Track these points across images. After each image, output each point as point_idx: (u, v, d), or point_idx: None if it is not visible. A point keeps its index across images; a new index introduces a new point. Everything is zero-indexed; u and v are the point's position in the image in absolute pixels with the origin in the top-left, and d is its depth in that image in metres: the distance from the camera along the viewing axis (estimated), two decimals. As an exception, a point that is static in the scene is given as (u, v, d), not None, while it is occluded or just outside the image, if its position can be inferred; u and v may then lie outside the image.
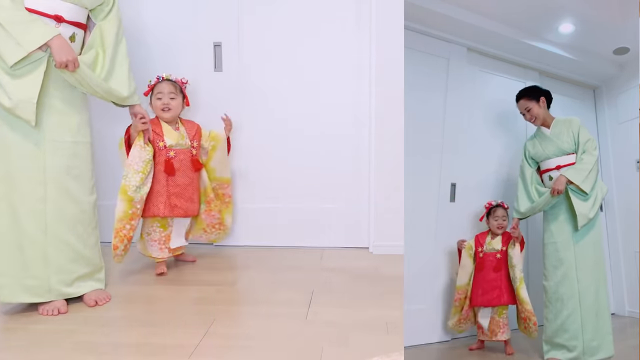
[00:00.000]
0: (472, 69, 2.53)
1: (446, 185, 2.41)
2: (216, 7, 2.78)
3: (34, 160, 1.92)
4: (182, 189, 2.42)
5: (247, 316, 2.02)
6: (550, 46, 2.60)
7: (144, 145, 2.32)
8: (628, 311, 2.77)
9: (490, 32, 2.40)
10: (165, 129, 2.42)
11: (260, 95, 2.85)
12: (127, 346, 1.76)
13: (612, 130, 2.94)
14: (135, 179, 2.29)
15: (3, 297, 1.96)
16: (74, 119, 2.01)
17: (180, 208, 2.42)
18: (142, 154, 2.31)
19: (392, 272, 2.46)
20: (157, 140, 2.39)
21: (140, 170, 2.30)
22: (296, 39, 2.80)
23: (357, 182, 2.87)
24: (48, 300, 2.00)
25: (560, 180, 2.03)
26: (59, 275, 1.99)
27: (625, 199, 2.82)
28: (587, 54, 2.72)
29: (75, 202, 2.02)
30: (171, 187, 2.40)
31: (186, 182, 2.43)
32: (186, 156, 2.44)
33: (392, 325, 1.89)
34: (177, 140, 2.42)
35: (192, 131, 2.49)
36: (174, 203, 2.41)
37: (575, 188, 2.02)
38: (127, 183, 2.27)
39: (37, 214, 1.94)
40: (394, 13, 2.58)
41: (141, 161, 2.31)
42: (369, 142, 2.82)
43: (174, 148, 2.41)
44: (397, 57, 2.56)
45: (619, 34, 2.52)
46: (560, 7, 2.32)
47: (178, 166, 2.41)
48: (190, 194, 2.45)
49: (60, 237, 1.98)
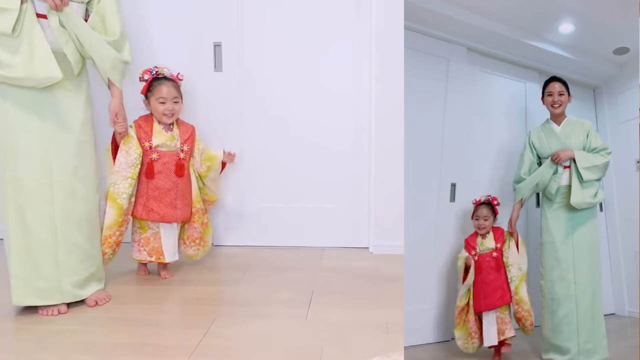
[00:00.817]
0: (473, 69, 2.53)
1: (446, 185, 2.41)
2: (216, 7, 2.78)
3: (40, 162, 1.92)
4: (161, 193, 2.31)
5: (247, 316, 2.02)
6: (550, 46, 2.59)
7: (129, 150, 2.25)
8: (628, 311, 2.77)
9: (490, 32, 2.40)
10: (156, 129, 2.32)
11: (261, 95, 2.85)
12: (128, 346, 1.76)
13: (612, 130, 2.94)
14: (124, 186, 2.23)
15: (15, 300, 1.97)
16: (78, 117, 2.00)
17: (157, 213, 2.30)
18: (129, 159, 2.25)
19: (392, 272, 2.46)
20: (145, 139, 2.30)
21: (129, 176, 2.24)
22: (296, 39, 2.79)
23: (357, 182, 2.87)
24: (60, 302, 2.00)
25: (567, 152, 2.03)
26: (70, 277, 1.99)
27: (625, 199, 2.81)
28: (587, 54, 2.71)
29: (82, 203, 2.02)
30: (150, 189, 2.30)
31: (168, 186, 2.32)
32: (171, 159, 2.33)
33: (392, 325, 1.89)
34: (164, 141, 2.31)
35: (186, 134, 2.39)
36: (151, 207, 2.30)
37: (576, 171, 2.02)
38: (115, 190, 2.22)
39: (46, 217, 1.94)
40: (394, 13, 2.58)
41: (128, 167, 2.24)
42: (369, 141, 2.82)
43: (159, 149, 2.30)
44: (397, 57, 2.56)
45: (619, 34, 2.52)
46: (560, 7, 2.31)
47: (160, 169, 2.30)
48: (171, 199, 2.32)
49: (70, 239, 1.98)
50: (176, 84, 2.36)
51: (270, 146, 2.89)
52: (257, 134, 2.88)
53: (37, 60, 1.84)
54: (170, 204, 2.32)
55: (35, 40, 1.84)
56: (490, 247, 2.10)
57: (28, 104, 1.90)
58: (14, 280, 1.95)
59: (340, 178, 2.87)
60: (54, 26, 1.89)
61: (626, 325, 2.61)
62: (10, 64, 1.83)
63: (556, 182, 2.06)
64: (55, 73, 1.86)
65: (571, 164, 2.04)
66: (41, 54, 1.84)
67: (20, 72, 1.83)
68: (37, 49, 1.84)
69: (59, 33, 1.90)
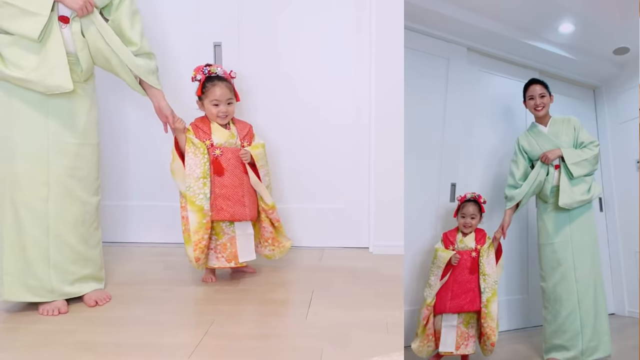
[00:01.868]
0: (472, 69, 2.53)
1: (446, 185, 2.41)
2: (216, 7, 2.78)
3: (38, 161, 1.92)
4: (229, 191, 2.23)
5: (247, 316, 2.02)
6: (550, 46, 2.60)
7: (195, 151, 2.19)
8: (628, 311, 2.77)
9: (490, 32, 2.40)
10: (214, 127, 2.26)
11: (260, 95, 2.84)
12: (128, 346, 1.76)
13: (612, 130, 2.94)
14: (198, 186, 2.17)
15: (6, 295, 1.96)
16: (81, 120, 2.00)
17: (227, 211, 2.22)
18: (197, 160, 2.18)
19: (392, 272, 2.46)
20: (204, 138, 2.23)
21: (201, 175, 2.18)
22: (295, 40, 2.79)
23: (357, 182, 2.87)
24: (50, 300, 1.99)
25: (555, 151, 2.03)
26: (60, 275, 1.99)
27: (625, 199, 2.82)
28: (587, 54, 2.72)
29: (79, 203, 2.01)
30: (217, 187, 2.22)
31: (235, 183, 2.24)
32: (234, 155, 2.25)
33: (392, 325, 1.89)
34: (226, 139, 2.25)
35: (244, 131, 2.34)
36: (220, 206, 2.21)
37: (565, 169, 2.01)
38: (191, 194, 2.16)
39: (39, 214, 1.94)
40: (394, 13, 2.58)
41: (198, 167, 2.18)
42: (369, 141, 2.81)
43: (221, 147, 2.24)
44: (397, 57, 2.56)
45: (619, 34, 2.52)
46: (560, 7, 2.31)
47: (225, 165, 2.23)
48: (239, 197, 2.24)
49: (62, 237, 1.98)
50: (230, 83, 2.30)
51: (270, 146, 2.88)
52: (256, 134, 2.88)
53: (50, 66, 1.84)
54: (239, 201, 2.25)
55: (53, 46, 1.84)
56: (470, 246, 2.01)
57: (33, 102, 1.89)
58: (5, 276, 1.95)
59: (341, 178, 2.87)
60: (75, 31, 1.90)
61: (626, 325, 2.61)
62: (22, 66, 1.83)
63: (549, 183, 2.07)
64: (66, 83, 1.86)
65: (560, 163, 2.04)
66: (56, 62, 1.85)
67: (32, 75, 1.83)
68: (53, 55, 1.84)
69: (77, 37, 1.91)
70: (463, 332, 1.95)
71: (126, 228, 2.92)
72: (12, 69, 1.83)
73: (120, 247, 2.76)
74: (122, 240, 2.89)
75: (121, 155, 2.88)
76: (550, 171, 2.06)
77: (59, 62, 1.85)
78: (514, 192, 2.10)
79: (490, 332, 1.90)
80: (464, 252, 2.00)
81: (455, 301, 1.93)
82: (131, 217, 2.92)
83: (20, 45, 1.83)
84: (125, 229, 2.92)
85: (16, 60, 1.83)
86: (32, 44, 1.83)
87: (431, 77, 2.40)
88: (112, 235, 2.86)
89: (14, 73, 1.82)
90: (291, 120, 2.85)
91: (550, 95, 2.14)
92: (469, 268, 1.97)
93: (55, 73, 1.85)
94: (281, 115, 2.85)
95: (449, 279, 1.97)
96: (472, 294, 1.94)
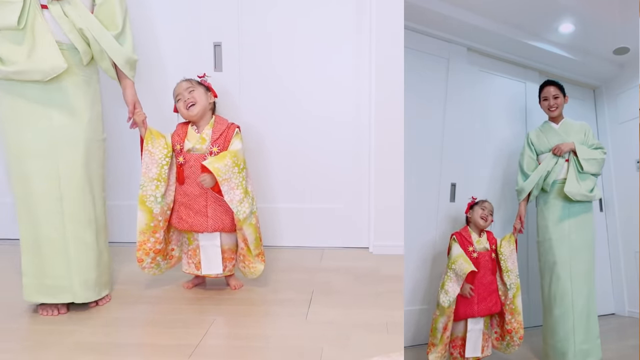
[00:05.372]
0: (472, 69, 2.53)
1: (446, 185, 2.41)
2: (216, 7, 2.78)
3: (47, 159, 1.91)
4: (190, 200, 2.13)
5: (247, 316, 2.02)
6: (550, 46, 2.60)
7: (153, 150, 2.10)
8: (628, 311, 2.77)
9: (490, 32, 2.40)
10: (189, 132, 2.16)
11: (260, 95, 2.84)
12: (128, 346, 1.76)
13: (612, 130, 2.94)
14: (151, 188, 2.07)
15: (26, 296, 1.97)
16: (85, 115, 1.97)
17: (185, 221, 2.14)
18: (153, 158, 2.09)
19: (392, 272, 2.46)
20: (177, 142, 2.15)
21: (155, 177, 2.07)
22: (295, 40, 2.79)
23: (357, 182, 2.87)
24: (69, 301, 1.98)
25: (568, 144, 2.05)
26: (82, 275, 1.97)
27: (625, 199, 2.82)
28: (587, 54, 2.71)
29: (90, 201, 2.00)
30: (179, 195, 2.15)
31: (196, 192, 2.12)
32: (197, 163, 2.10)
33: (392, 325, 1.89)
34: (194, 144, 2.13)
35: (219, 133, 2.15)
36: (180, 215, 2.15)
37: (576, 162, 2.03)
38: (143, 193, 2.07)
39: (54, 214, 1.92)
40: (394, 13, 2.58)
41: (154, 167, 2.08)
42: (369, 141, 2.82)
43: (188, 153, 2.13)
44: (397, 57, 2.56)
45: (619, 34, 2.52)
46: (560, 7, 2.31)
47: (188, 173, 2.12)
48: (201, 207, 2.13)
49: (80, 236, 1.96)
50: (188, 80, 2.21)
51: (270, 147, 2.89)
52: (256, 135, 2.88)
53: (40, 51, 1.83)
54: (200, 211, 2.13)
55: (38, 31, 1.83)
56: (487, 247, 1.98)
57: (35, 99, 1.88)
58: (24, 278, 1.96)
59: (341, 178, 2.87)
60: (56, 15, 1.87)
61: (626, 325, 2.61)
62: (15, 59, 1.82)
63: (555, 173, 2.08)
64: (59, 62, 1.84)
65: (570, 157, 2.05)
66: (44, 44, 1.83)
67: (25, 64, 1.82)
68: (40, 39, 1.83)
69: (61, 21, 1.88)
70: (485, 334, 1.93)
71: (126, 228, 2.92)
72: (8, 65, 1.82)
73: (121, 247, 2.76)
74: (122, 240, 2.88)
75: (123, 153, 2.88)
76: (560, 162, 2.08)
77: (47, 44, 1.83)
78: (524, 184, 2.12)
79: (518, 327, 1.91)
80: (485, 254, 1.96)
81: (482, 304, 1.90)
82: (131, 217, 2.92)
83: (9, 40, 1.82)
84: (125, 229, 2.91)
85: (9, 55, 1.82)
86: (19, 35, 1.82)
87: (431, 77, 2.39)
88: (111, 236, 2.85)
89: (10, 68, 1.82)
90: (291, 120, 2.85)
91: (565, 96, 2.16)
92: (491, 269, 1.95)
93: (45, 56, 1.83)
94: (281, 115, 2.85)
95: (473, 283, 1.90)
96: (495, 295, 1.94)
